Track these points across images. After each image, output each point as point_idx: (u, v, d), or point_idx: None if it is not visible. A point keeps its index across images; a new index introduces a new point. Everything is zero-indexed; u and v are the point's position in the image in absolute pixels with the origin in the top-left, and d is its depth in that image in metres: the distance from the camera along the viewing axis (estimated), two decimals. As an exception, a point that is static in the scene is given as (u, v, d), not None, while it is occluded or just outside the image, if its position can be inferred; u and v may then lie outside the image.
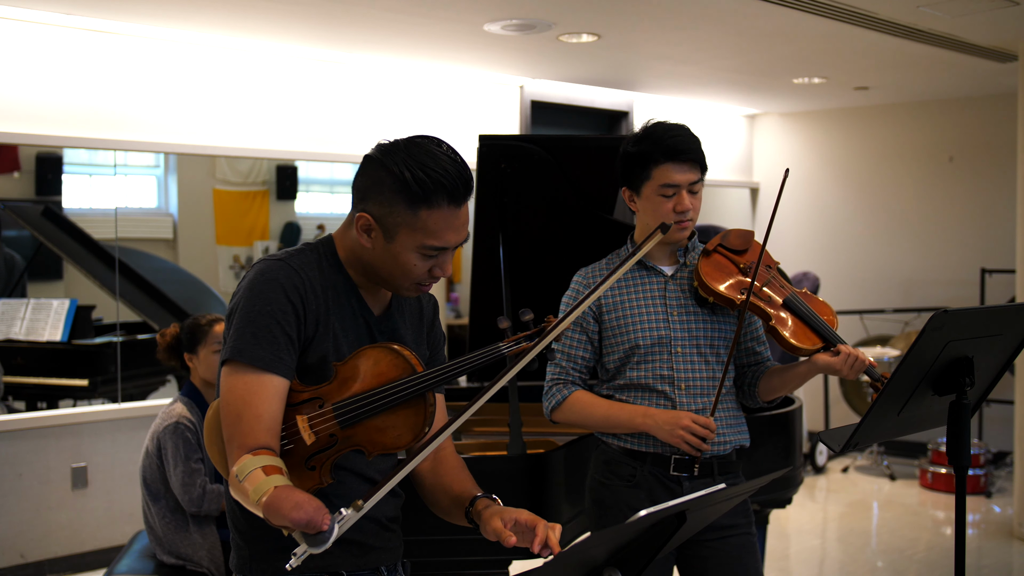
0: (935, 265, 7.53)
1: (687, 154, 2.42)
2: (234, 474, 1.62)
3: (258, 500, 1.57)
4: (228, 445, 1.68)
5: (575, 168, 3.35)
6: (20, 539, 4.80)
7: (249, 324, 1.70)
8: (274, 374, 1.68)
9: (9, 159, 5.32)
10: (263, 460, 1.61)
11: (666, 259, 2.57)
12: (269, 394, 1.67)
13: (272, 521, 1.57)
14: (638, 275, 2.56)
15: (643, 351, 2.48)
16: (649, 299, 2.53)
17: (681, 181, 2.42)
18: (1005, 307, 2.23)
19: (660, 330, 2.49)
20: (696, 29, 5.10)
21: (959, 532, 2.15)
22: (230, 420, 1.67)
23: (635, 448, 2.49)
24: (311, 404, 1.72)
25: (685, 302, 2.52)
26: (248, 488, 1.59)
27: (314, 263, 1.79)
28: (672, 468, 2.45)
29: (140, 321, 5.56)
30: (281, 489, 1.57)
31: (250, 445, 1.64)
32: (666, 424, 2.40)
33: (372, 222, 1.74)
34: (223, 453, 1.72)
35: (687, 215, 2.46)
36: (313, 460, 1.70)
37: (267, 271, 1.74)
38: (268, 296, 1.71)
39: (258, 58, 5.53)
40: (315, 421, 1.70)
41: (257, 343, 1.68)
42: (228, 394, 1.69)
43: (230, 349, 1.70)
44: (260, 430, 1.65)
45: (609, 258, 2.62)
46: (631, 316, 2.51)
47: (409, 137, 1.78)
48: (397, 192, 1.71)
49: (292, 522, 1.52)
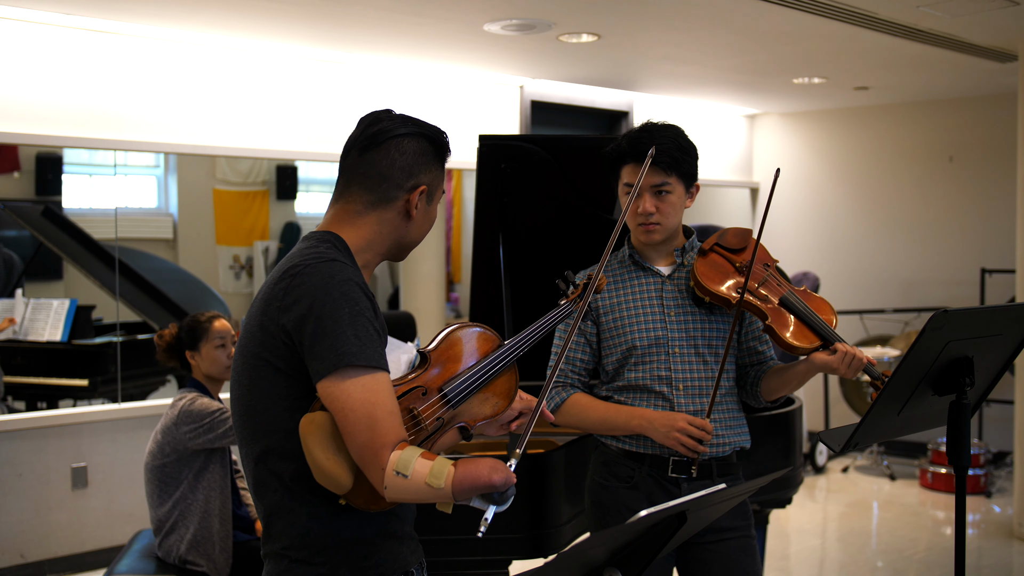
0: (935, 265, 7.53)
1: (647, 156, 2.32)
2: (391, 472, 1.61)
3: (443, 483, 1.60)
4: (366, 451, 1.63)
5: (575, 168, 3.35)
6: (20, 539, 4.80)
7: (348, 327, 1.66)
8: (384, 370, 1.69)
9: (9, 159, 5.32)
10: (417, 450, 1.64)
11: (663, 259, 2.56)
12: (389, 390, 1.68)
13: (461, 497, 1.62)
14: (635, 275, 2.55)
15: (641, 352, 2.48)
16: (646, 300, 2.52)
17: (639, 181, 2.32)
18: (1005, 307, 2.23)
19: (657, 331, 2.48)
20: (696, 29, 5.10)
21: (959, 532, 2.15)
22: (364, 425, 1.63)
23: (633, 450, 2.49)
24: (414, 394, 1.74)
25: (682, 302, 2.51)
26: (421, 477, 1.60)
27: (349, 260, 1.79)
28: (670, 470, 2.45)
29: (140, 321, 5.56)
30: (462, 463, 1.62)
31: (394, 442, 1.63)
32: (662, 426, 2.39)
33: (425, 191, 1.85)
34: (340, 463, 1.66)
35: (650, 217, 2.44)
36: (423, 447, 1.72)
37: (336, 272, 1.70)
38: (351, 296, 1.69)
39: (258, 58, 5.53)
40: (424, 409, 1.73)
41: (362, 343, 1.66)
42: (350, 400, 1.63)
43: (338, 356, 1.64)
44: (397, 425, 1.65)
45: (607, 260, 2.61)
46: (628, 317, 2.50)
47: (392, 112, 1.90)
48: (435, 155, 1.86)
49: (494, 484, 1.60)
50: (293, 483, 1.73)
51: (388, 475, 1.61)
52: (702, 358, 2.49)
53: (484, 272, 3.48)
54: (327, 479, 1.66)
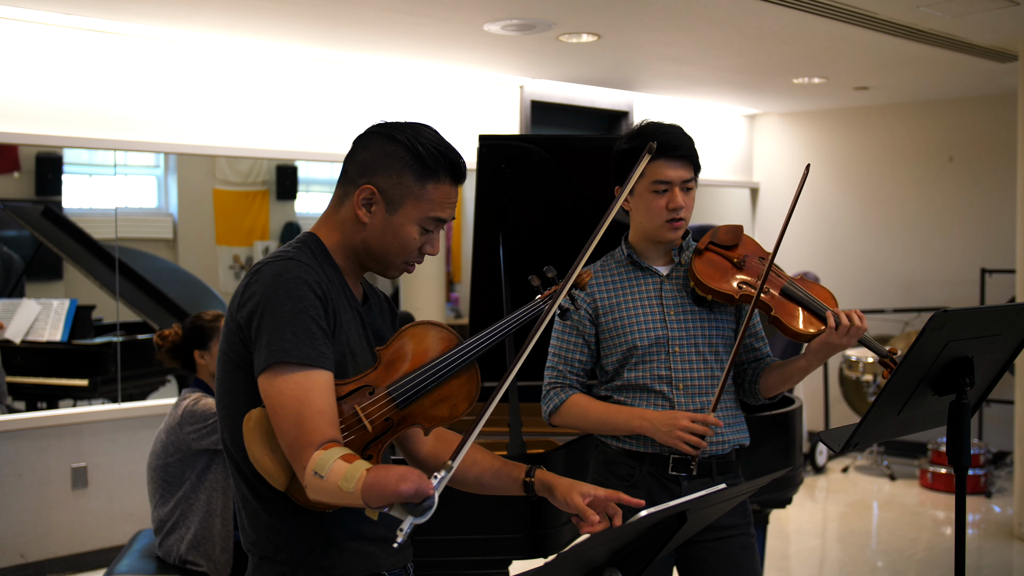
0: (935, 265, 7.53)
1: (679, 151, 2.42)
2: (311, 472, 1.57)
3: (353, 487, 1.54)
4: (292, 449, 1.61)
5: (575, 168, 3.35)
6: (20, 539, 4.80)
7: (286, 324, 1.65)
8: (322, 368, 1.65)
9: (9, 159, 5.32)
10: (339, 451, 1.59)
11: (661, 259, 2.57)
12: (323, 389, 1.64)
13: (372, 503, 1.54)
14: (633, 276, 2.55)
15: (641, 352, 2.48)
16: (645, 299, 2.52)
17: (673, 178, 2.42)
18: (1005, 307, 2.23)
19: (657, 330, 2.49)
20: (696, 29, 5.10)
21: (959, 532, 2.15)
22: (290, 423, 1.61)
23: (634, 449, 2.49)
24: (360, 393, 1.70)
25: (682, 302, 2.52)
26: (336, 479, 1.55)
27: (313, 259, 1.77)
28: (670, 468, 2.45)
29: (140, 321, 5.56)
30: (375, 469, 1.56)
31: (319, 441, 1.59)
32: (663, 426, 2.39)
33: (376, 194, 1.76)
34: (276, 462, 1.66)
35: (679, 212, 2.45)
36: (370, 448, 1.69)
37: (286, 270, 1.70)
38: (296, 293, 1.67)
39: (258, 58, 5.53)
40: (369, 409, 1.69)
41: (298, 340, 1.64)
42: (280, 397, 1.63)
43: (272, 352, 1.64)
44: (324, 425, 1.61)
45: (604, 260, 2.61)
46: (628, 317, 2.50)
47: (405, 120, 1.83)
48: (407, 164, 1.75)
49: (400, 495, 1.51)
50: (254, 478, 1.73)
51: (308, 474, 1.58)
52: (702, 357, 2.49)
53: (484, 272, 3.48)
54: (265, 475, 1.67)
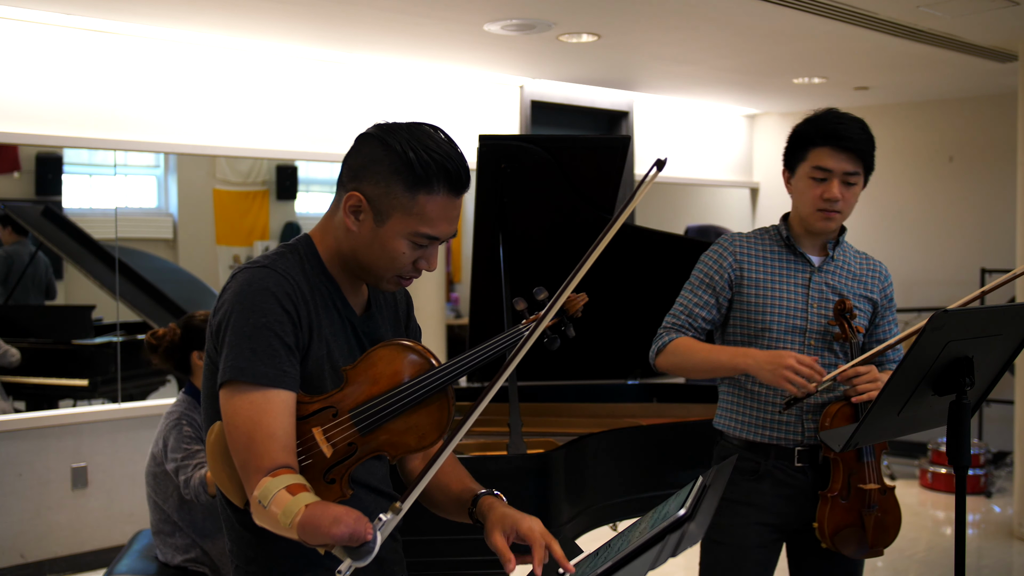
0: (935, 265, 7.53)
1: (848, 142, 2.38)
2: (256, 500, 1.50)
3: (290, 523, 1.46)
4: (243, 471, 1.55)
5: (575, 168, 3.35)
6: (20, 539, 4.80)
7: (246, 340, 1.57)
8: (280, 388, 1.57)
9: (9, 159, 5.32)
10: (286, 480, 1.50)
11: (815, 248, 2.54)
12: (279, 410, 1.56)
13: (309, 541, 1.46)
14: (785, 258, 2.52)
15: (774, 335, 2.46)
16: (792, 285, 2.50)
17: (834, 168, 2.39)
18: (1005, 307, 2.22)
19: (796, 319, 2.47)
20: (696, 29, 5.10)
21: (959, 532, 2.15)
22: (241, 444, 1.55)
23: (757, 440, 2.48)
24: (324, 415, 1.62)
25: (827, 297, 2.50)
26: (276, 512, 1.47)
27: (298, 266, 1.68)
28: (796, 460, 2.46)
29: (140, 321, 5.56)
30: (313, 506, 1.46)
31: (268, 467, 1.52)
32: (767, 363, 2.32)
33: (363, 203, 1.65)
34: (233, 480, 1.60)
35: (834, 204, 2.42)
36: (332, 472, 1.61)
37: (254, 280, 1.61)
38: (261, 307, 1.59)
39: (258, 58, 5.53)
40: (332, 432, 1.61)
41: (257, 358, 1.56)
42: (234, 417, 1.56)
43: (229, 369, 1.57)
44: (276, 449, 1.54)
45: (759, 232, 2.57)
46: (771, 297, 2.48)
47: (409, 121, 1.70)
48: (396, 172, 1.62)
49: (334, 538, 1.42)
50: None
51: (253, 501, 1.52)
52: (834, 354, 2.48)
53: (484, 272, 3.48)
54: (224, 491, 1.63)
